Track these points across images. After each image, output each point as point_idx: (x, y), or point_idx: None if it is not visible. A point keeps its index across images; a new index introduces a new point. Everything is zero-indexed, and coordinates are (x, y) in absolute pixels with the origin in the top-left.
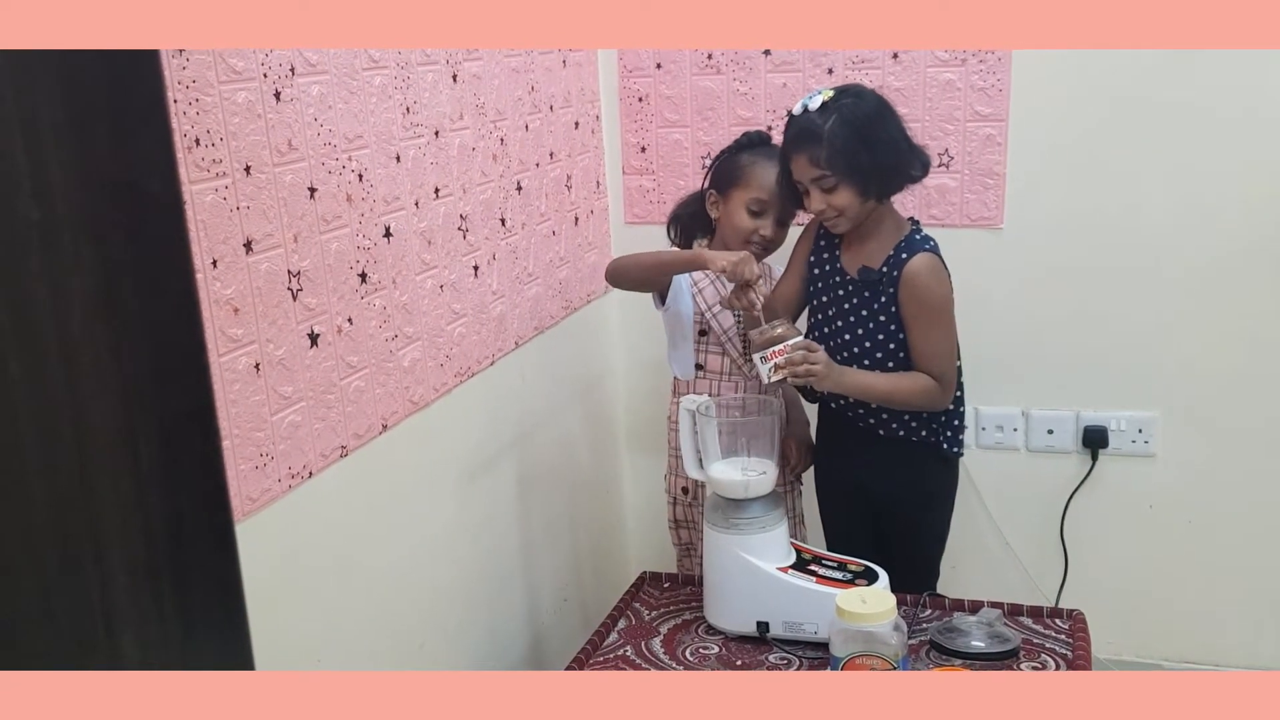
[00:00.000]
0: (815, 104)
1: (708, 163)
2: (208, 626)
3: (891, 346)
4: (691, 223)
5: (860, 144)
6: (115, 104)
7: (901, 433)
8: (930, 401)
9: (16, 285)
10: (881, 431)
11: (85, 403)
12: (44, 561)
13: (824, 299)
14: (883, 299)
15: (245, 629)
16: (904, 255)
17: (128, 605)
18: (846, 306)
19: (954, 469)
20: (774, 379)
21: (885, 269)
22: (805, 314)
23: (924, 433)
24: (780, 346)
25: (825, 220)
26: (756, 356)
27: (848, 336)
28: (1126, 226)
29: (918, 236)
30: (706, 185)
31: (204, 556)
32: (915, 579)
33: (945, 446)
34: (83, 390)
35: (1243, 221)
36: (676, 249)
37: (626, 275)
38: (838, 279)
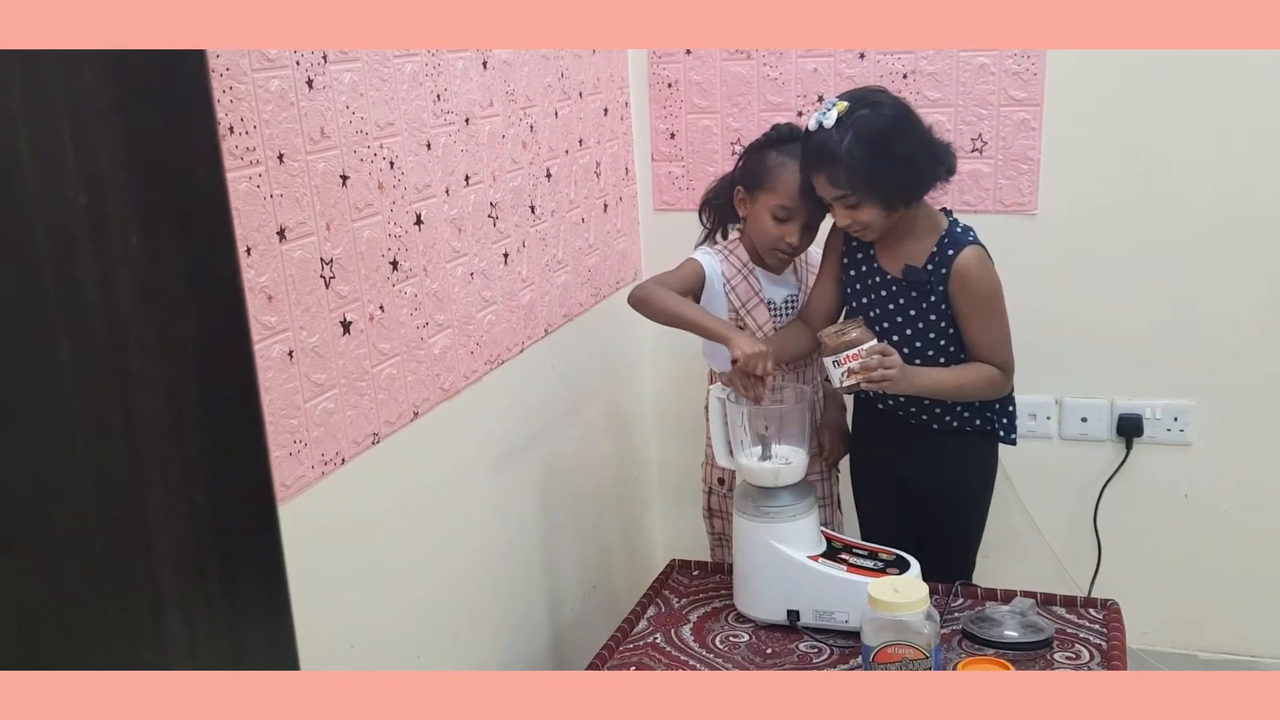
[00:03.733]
0: (830, 120)
1: (737, 149)
2: (253, 613)
3: (942, 343)
4: (724, 211)
5: (879, 160)
6: (161, 89)
7: (955, 424)
8: (996, 390)
9: (66, 270)
10: (936, 426)
11: (134, 389)
12: (93, 548)
13: (864, 300)
14: (932, 298)
15: (289, 616)
16: (950, 252)
17: (175, 591)
18: (892, 307)
19: (995, 459)
20: (847, 384)
21: (931, 267)
22: (842, 317)
23: (978, 421)
24: (855, 351)
25: (853, 233)
26: (828, 360)
27: (895, 338)
28: (1163, 212)
29: (958, 229)
30: (736, 178)
31: (249, 544)
32: (951, 568)
33: (1003, 434)
34: (131, 376)
35: None
36: (703, 310)
37: (648, 312)
38: (877, 280)
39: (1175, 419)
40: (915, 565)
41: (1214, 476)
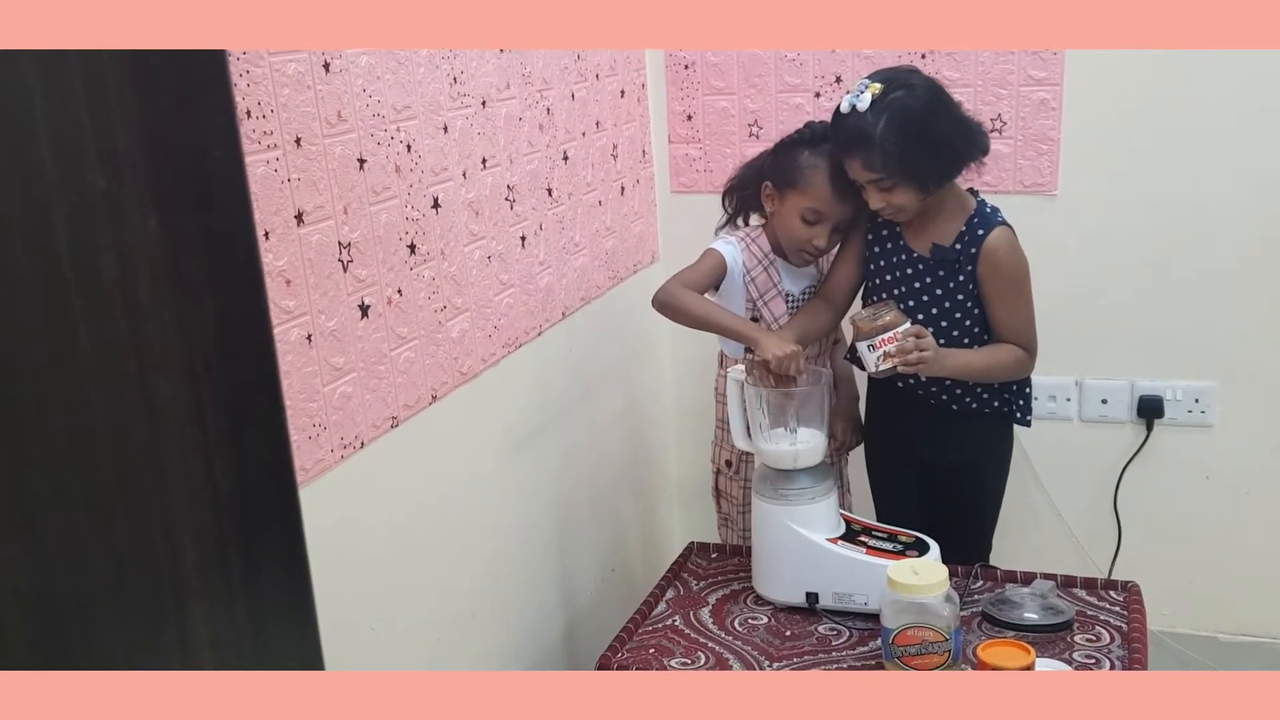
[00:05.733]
0: (864, 103)
1: (755, 131)
2: (276, 598)
3: (968, 323)
4: (749, 202)
5: (915, 144)
6: (179, 70)
7: (974, 405)
8: (1022, 370)
9: (86, 254)
10: (955, 407)
11: (154, 374)
12: (115, 533)
13: (888, 278)
14: (960, 277)
15: (312, 601)
16: (980, 232)
17: (196, 576)
18: (918, 285)
19: (1011, 440)
20: (882, 367)
21: (960, 246)
22: (861, 294)
23: (996, 403)
24: (890, 334)
25: (886, 215)
26: (863, 344)
27: (921, 317)
28: (1184, 192)
29: (987, 210)
30: (765, 172)
31: (270, 527)
32: (967, 550)
33: (1020, 416)
34: (151, 361)
35: None
36: (728, 312)
37: (672, 316)
38: (903, 258)
39: (1196, 400)
40: (935, 547)
41: (1236, 458)
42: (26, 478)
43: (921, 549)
